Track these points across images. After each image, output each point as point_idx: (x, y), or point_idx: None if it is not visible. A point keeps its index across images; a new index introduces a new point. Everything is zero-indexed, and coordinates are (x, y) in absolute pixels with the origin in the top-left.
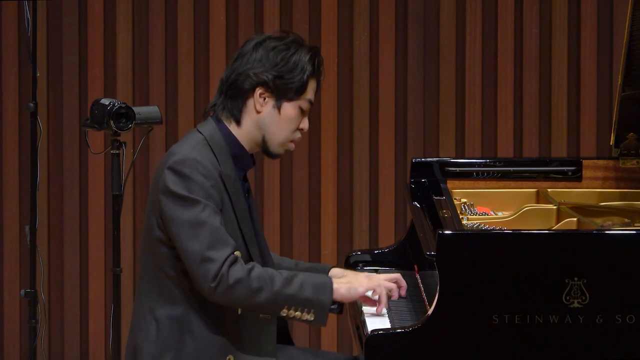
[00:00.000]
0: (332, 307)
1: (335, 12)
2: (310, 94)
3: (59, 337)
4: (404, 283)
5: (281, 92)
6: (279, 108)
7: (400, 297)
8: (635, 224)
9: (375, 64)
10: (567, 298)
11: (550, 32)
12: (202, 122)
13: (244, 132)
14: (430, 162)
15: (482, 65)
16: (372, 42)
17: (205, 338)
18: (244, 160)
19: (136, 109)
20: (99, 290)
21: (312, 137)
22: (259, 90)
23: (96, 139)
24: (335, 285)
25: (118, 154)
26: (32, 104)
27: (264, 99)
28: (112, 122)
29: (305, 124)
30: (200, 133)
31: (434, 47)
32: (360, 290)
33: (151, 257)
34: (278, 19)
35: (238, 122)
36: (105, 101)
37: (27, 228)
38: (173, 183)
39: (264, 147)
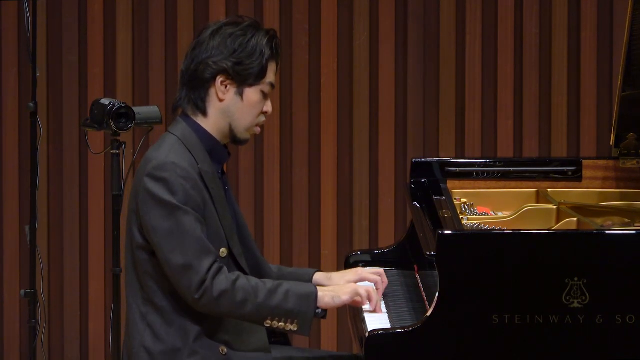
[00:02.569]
0: (317, 311)
1: (335, 12)
2: (270, 77)
3: (59, 337)
4: (385, 279)
5: (242, 78)
6: (241, 94)
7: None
8: (635, 224)
9: (375, 64)
10: (567, 298)
11: (550, 32)
12: (172, 124)
13: (212, 122)
14: (430, 162)
15: (482, 65)
16: (372, 42)
17: (199, 336)
18: (219, 153)
19: (136, 109)
20: (99, 290)
21: (312, 137)
22: (220, 79)
23: (96, 139)
24: (320, 294)
25: (118, 154)
26: (32, 104)
27: (226, 86)
28: (112, 122)
29: (268, 107)
30: (173, 134)
31: (434, 47)
32: (345, 298)
33: (136, 265)
34: (278, 19)
35: (204, 113)
36: (105, 101)
37: (27, 228)
38: (153, 189)
39: (231, 134)
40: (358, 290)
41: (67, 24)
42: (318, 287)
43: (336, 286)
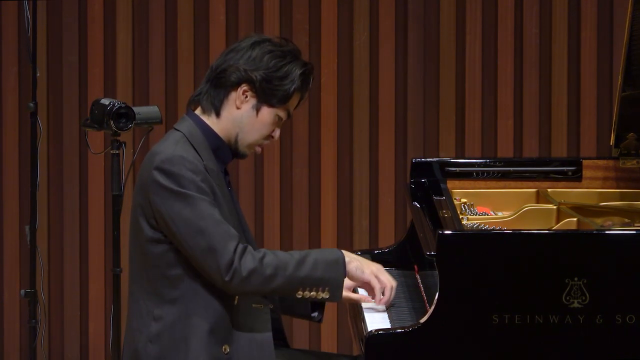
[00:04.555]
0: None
1: (335, 12)
2: (291, 105)
3: (59, 337)
4: (394, 293)
5: (264, 95)
6: (257, 110)
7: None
8: (635, 224)
9: (375, 64)
10: (567, 298)
11: (550, 32)
12: (178, 121)
13: (222, 125)
14: (430, 162)
15: (482, 65)
16: (372, 42)
17: (204, 332)
18: (223, 152)
19: (136, 109)
20: (99, 290)
21: (312, 137)
22: (243, 87)
23: (96, 139)
24: (346, 259)
25: (118, 154)
26: (32, 104)
27: (246, 96)
28: (112, 122)
29: (277, 133)
30: (179, 131)
31: (434, 47)
32: (365, 275)
33: (143, 259)
34: (278, 19)
35: (218, 114)
36: (105, 101)
37: (27, 228)
38: (164, 182)
39: (234, 145)
40: (373, 279)
41: (67, 24)
42: (344, 252)
43: (365, 260)
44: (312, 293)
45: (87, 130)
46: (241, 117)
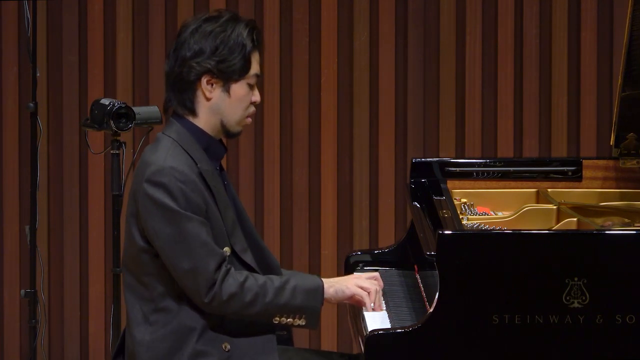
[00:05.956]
0: None
1: (335, 12)
2: (255, 68)
3: (59, 337)
4: (381, 283)
5: (226, 75)
6: (228, 91)
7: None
8: (635, 224)
9: (375, 64)
10: (567, 298)
11: (550, 32)
12: (165, 125)
13: (203, 121)
14: (430, 162)
15: (482, 65)
16: (372, 42)
17: (201, 334)
18: (215, 149)
19: (136, 109)
20: (99, 290)
21: (312, 137)
22: (205, 79)
23: (96, 139)
24: (325, 286)
25: (118, 154)
26: (32, 104)
27: (212, 85)
28: (112, 122)
29: (256, 96)
30: (168, 136)
31: (434, 47)
32: (347, 292)
33: (136, 265)
34: (278, 19)
35: (194, 113)
36: (105, 101)
37: (27, 228)
38: (154, 194)
39: (223, 129)
40: (358, 290)
41: (67, 24)
42: (323, 279)
43: (341, 279)
44: (289, 319)
45: (87, 130)
46: (217, 105)
